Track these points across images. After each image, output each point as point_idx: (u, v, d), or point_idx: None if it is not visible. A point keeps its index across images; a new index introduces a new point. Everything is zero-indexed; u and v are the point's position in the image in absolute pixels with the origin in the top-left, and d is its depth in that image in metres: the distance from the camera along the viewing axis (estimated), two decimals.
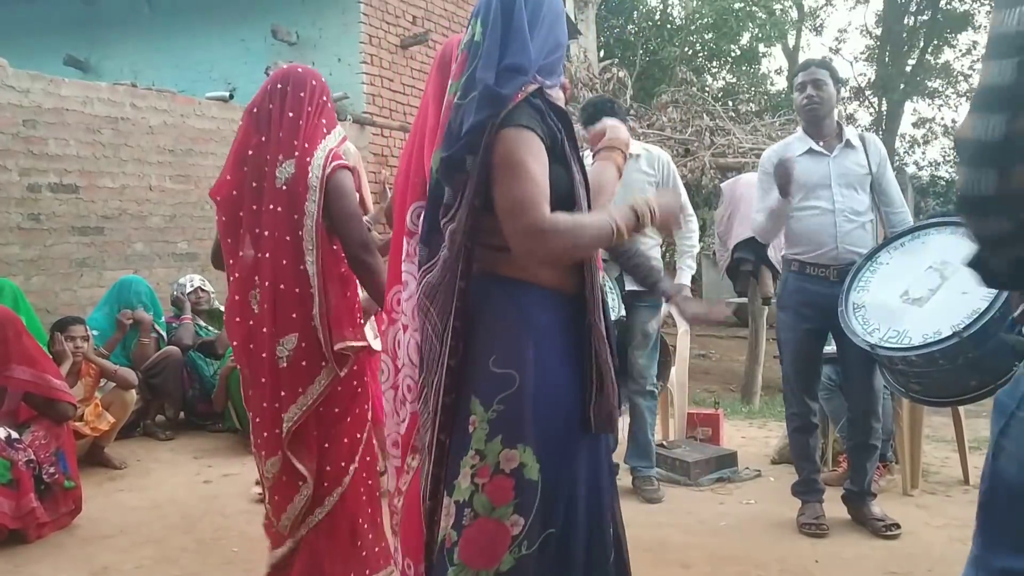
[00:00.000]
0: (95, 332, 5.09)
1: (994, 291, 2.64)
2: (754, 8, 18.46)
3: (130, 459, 4.69)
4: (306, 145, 2.52)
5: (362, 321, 2.71)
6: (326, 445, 2.58)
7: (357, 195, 2.59)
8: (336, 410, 2.58)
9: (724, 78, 19.60)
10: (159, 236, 6.67)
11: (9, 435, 3.47)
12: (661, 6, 19.56)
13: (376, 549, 2.72)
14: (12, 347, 3.54)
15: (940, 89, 22.84)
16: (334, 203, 2.49)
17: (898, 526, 3.42)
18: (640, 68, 15.00)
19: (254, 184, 2.56)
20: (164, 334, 5.45)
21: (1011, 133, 1.21)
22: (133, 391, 4.77)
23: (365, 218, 2.67)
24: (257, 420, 2.56)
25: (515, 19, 1.71)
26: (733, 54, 19.01)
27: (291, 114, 2.56)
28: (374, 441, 2.77)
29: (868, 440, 3.49)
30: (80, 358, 4.39)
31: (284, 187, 2.49)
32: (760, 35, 18.89)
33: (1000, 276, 1.37)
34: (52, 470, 3.54)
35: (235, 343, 2.61)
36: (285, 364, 2.48)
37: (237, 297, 2.57)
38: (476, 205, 1.67)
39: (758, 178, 3.64)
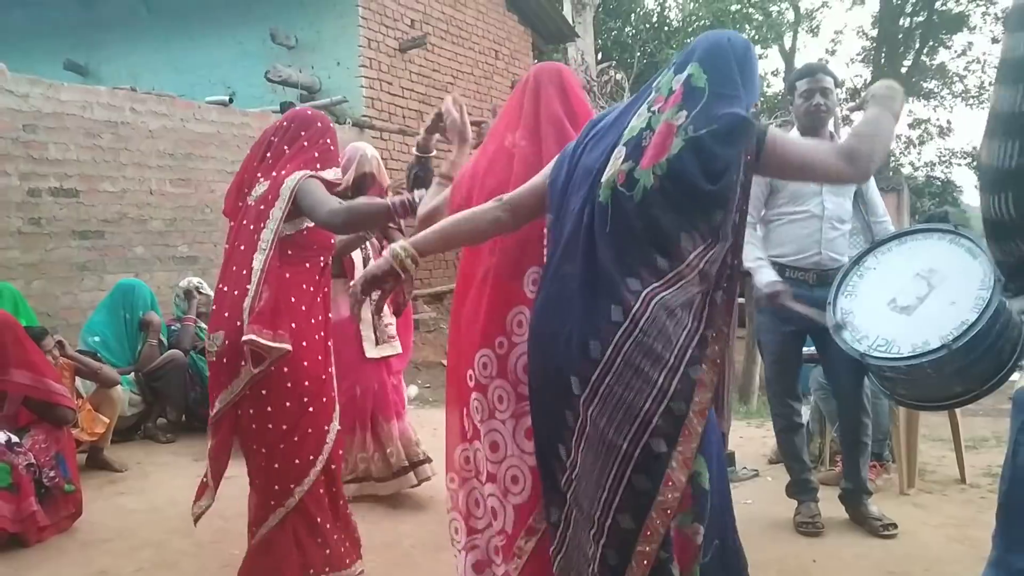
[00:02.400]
0: (97, 338, 5.10)
1: (983, 302, 2.64)
2: (751, 10, 18.52)
3: (130, 462, 4.69)
4: (284, 171, 2.71)
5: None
6: (281, 446, 2.71)
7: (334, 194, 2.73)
8: (271, 411, 2.69)
9: None
10: (159, 240, 6.69)
11: (9, 439, 3.48)
12: (658, 8, 19.63)
13: (341, 549, 2.84)
14: (11, 351, 3.54)
15: (936, 90, 22.88)
16: (302, 200, 2.63)
17: (895, 526, 3.43)
18: (638, 70, 15.02)
19: (240, 204, 2.82)
20: (164, 339, 5.45)
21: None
22: (119, 387, 4.71)
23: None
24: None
25: (749, 66, 1.84)
26: None
27: (286, 148, 2.79)
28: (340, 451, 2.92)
29: (859, 437, 3.51)
30: (58, 367, 4.31)
31: (255, 203, 2.71)
32: (757, 37, 18.94)
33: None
34: (52, 474, 3.55)
35: None
36: (214, 359, 2.69)
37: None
38: (737, 220, 1.77)
39: None
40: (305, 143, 2.80)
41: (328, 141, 2.85)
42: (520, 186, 2.01)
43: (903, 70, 21.92)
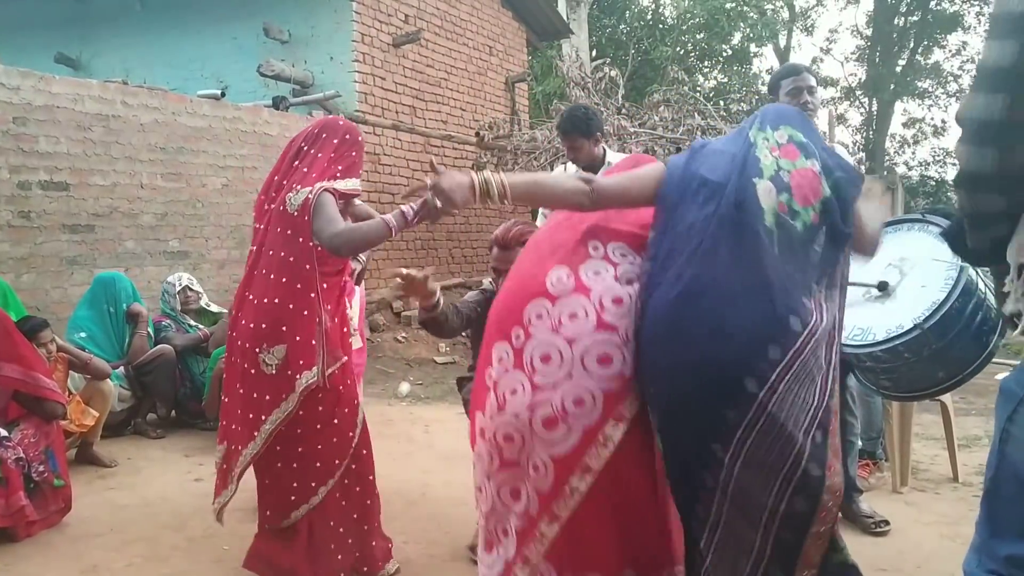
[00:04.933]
0: (83, 334, 5.05)
1: (951, 282, 2.68)
2: (745, 8, 18.50)
3: (120, 457, 4.67)
4: (313, 176, 2.80)
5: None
6: (300, 450, 2.84)
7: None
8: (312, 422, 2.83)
9: (715, 78, 19.63)
10: (150, 234, 6.65)
11: None
12: (653, 6, 19.59)
13: (368, 551, 2.95)
14: (1, 345, 3.52)
15: (930, 89, 22.92)
16: (314, 217, 2.71)
17: (887, 523, 3.44)
18: (632, 68, 15.02)
19: (267, 207, 2.86)
20: (151, 332, 5.41)
21: (1012, 114, 1.24)
22: (110, 381, 4.68)
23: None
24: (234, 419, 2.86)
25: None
26: (724, 54, 19.06)
27: (318, 155, 2.85)
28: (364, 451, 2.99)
29: (845, 436, 3.50)
30: (52, 361, 4.30)
31: (295, 213, 2.74)
32: (751, 35, 18.93)
33: (977, 252, 1.41)
34: (41, 468, 3.53)
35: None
36: (274, 372, 2.74)
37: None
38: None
39: None
40: (332, 154, 2.86)
41: (355, 153, 2.91)
42: (613, 176, 2.18)
43: (897, 69, 21.98)
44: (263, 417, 2.73)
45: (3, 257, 5.58)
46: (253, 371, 2.75)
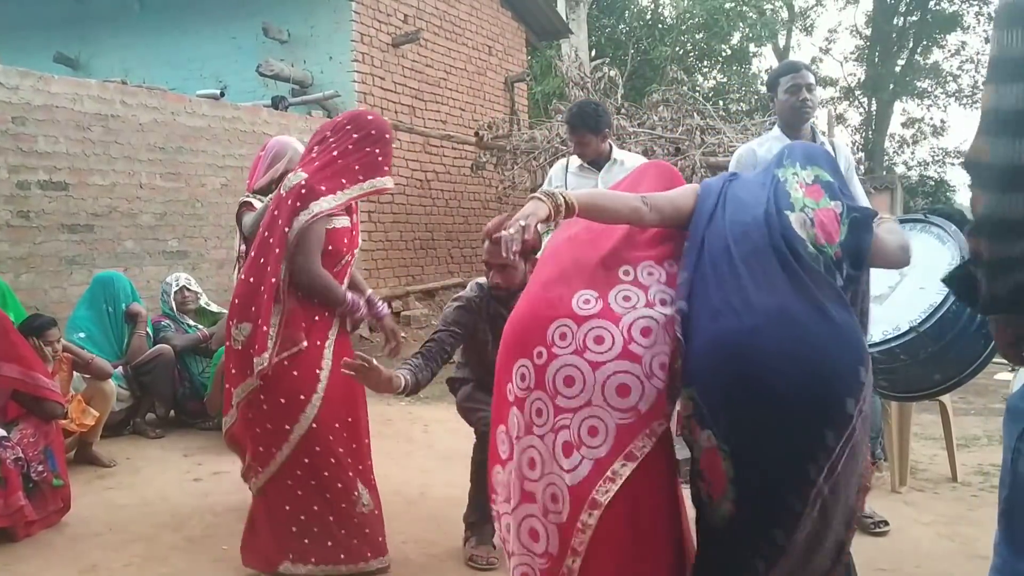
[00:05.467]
0: (82, 334, 5.05)
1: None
2: (745, 8, 18.51)
3: (119, 457, 4.67)
4: (316, 164, 2.85)
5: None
6: (257, 431, 2.95)
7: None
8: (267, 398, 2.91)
9: (715, 77, 19.65)
10: (149, 234, 6.65)
11: None
12: (652, 6, 19.61)
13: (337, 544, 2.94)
14: (0, 345, 3.52)
15: (929, 89, 22.95)
16: (301, 237, 2.82)
17: (886, 523, 3.44)
18: (631, 67, 15.03)
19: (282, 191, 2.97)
20: (150, 332, 5.41)
21: None
22: (111, 381, 4.67)
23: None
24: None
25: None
26: (724, 54, 19.06)
27: (334, 147, 2.89)
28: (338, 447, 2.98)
29: None
30: (57, 360, 4.30)
31: (283, 192, 2.85)
32: (751, 35, 18.95)
33: (999, 300, 1.36)
34: (40, 468, 3.52)
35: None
36: (240, 348, 2.88)
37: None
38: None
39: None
40: (350, 147, 2.87)
41: (377, 151, 2.89)
42: (660, 193, 2.24)
43: (897, 69, 21.99)
44: (231, 389, 2.95)
45: (2, 257, 5.58)
46: (229, 343, 2.95)
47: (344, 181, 2.87)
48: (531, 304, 2.14)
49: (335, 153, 2.87)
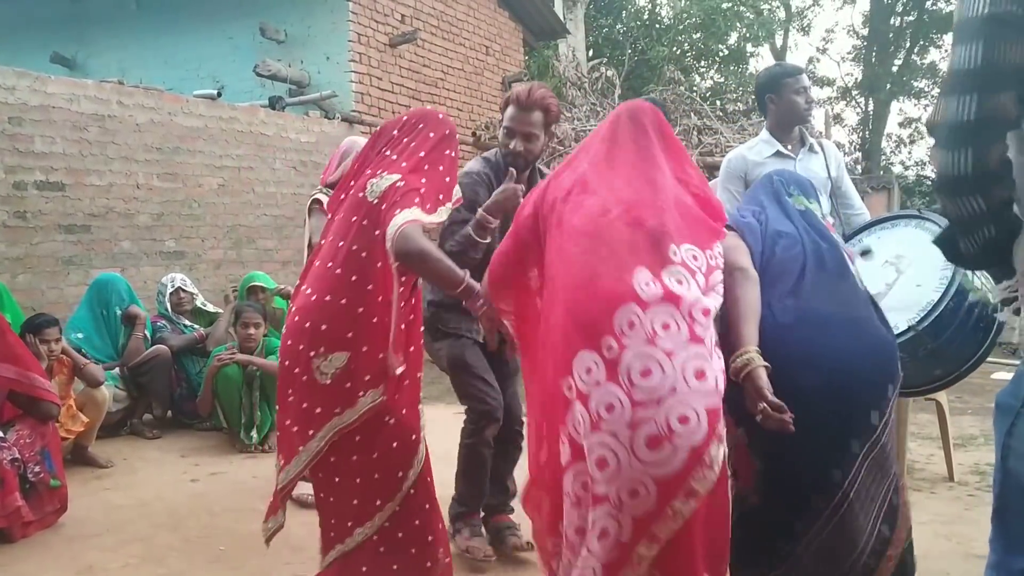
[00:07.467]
0: (80, 335, 5.06)
1: (946, 282, 2.69)
2: (742, 8, 18.51)
3: (116, 458, 4.67)
4: (403, 165, 2.48)
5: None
6: (358, 480, 2.49)
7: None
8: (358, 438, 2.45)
9: (712, 78, 19.63)
10: (146, 234, 6.64)
11: None
12: (650, 6, 19.57)
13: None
14: None
15: (926, 89, 22.96)
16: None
17: None
18: (629, 67, 15.01)
19: (342, 196, 2.57)
20: (147, 334, 5.40)
21: (983, 114, 1.27)
22: (104, 389, 4.65)
23: None
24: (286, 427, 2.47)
25: None
26: (721, 54, 19.04)
27: (412, 145, 2.54)
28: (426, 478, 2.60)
29: None
30: (55, 359, 4.30)
31: (374, 200, 2.40)
32: (748, 35, 18.93)
33: (969, 256, 1.42)
34: (37, 469, 3.52)
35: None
36: (329, 382, 2.37)
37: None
38: None
39: (721, 181, 3.53)
40: (430, 148, 2.55)
41: (451, 153, 2.60)
42: (737, 254, 2.27)
43: (894, 69, 22.02)
44: (310, 432, 2.38)
45: None
46: (305, 377, 2.37)
47: (441, 197, 2.52)
48: (586, 287, 2.00)
49: (422, 155, 2.52)
